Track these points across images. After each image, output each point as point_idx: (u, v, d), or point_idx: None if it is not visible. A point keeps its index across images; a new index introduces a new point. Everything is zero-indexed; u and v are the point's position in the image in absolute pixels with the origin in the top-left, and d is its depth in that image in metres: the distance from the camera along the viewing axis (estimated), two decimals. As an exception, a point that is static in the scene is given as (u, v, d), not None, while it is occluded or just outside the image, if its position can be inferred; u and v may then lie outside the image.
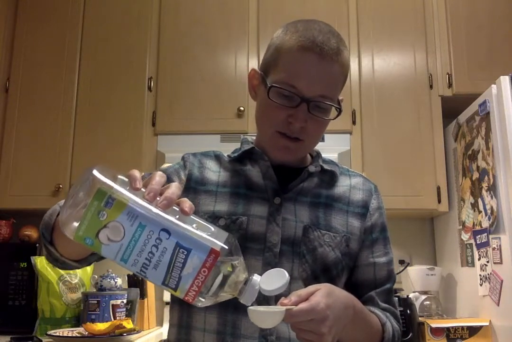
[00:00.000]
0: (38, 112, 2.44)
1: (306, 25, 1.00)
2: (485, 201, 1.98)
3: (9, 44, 2.51)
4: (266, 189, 1.04)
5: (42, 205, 2.36)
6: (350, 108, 2.38)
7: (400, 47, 2.45)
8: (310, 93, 0.96)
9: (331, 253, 1.00)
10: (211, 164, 1.09)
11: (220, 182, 1.06)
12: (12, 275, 2.18)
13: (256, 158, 1.07)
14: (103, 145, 2.39)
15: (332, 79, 0.99)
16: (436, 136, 2.35)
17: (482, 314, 2.02)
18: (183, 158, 1.11)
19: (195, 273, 0.65)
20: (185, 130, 2.37)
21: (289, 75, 0.97)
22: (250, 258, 0.97)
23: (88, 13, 2.54)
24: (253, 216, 1.01)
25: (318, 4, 2.49)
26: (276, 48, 1.01)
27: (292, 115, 0.97)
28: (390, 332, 0.99)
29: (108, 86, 2.45)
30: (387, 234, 1.12)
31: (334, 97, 1.00)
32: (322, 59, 0.96)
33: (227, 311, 0.96)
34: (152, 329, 2.22)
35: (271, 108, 0.99)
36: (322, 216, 1.03)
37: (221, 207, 1.02)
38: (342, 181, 1.11)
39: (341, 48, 0.98)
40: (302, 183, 1.06)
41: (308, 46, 0.96)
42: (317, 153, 1.13)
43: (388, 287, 1.07)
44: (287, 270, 0.95)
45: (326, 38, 0.96)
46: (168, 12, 2.52)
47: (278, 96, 0.97)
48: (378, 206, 1.11)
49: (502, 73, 1.95)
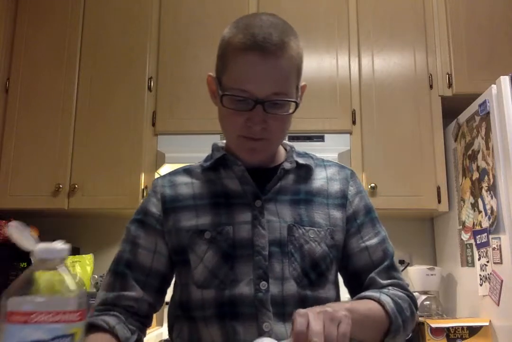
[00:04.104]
0: (38, 112, 2.45)
1: (247, 21, 0.98)
2: (485, 201, 1.98)
3: (9, 44, 2.51)
4: (245, 193, 1.03)
5: (42, 205, 2.37)
6: (350, 108, 2.38)
7: (400, 47, 2.45)
8: (262, 94, 0.94)
9: (318, 247, 1.00)
10: (181, 179, 1.09)
11: (196, 194, 1.05)
12: (12, 275, 2.18)
13: (229, 164, 1.06)
14: (103, 145, 2.39)
15: (281, 75, 0.95)
16: (436, 136, 2.35)
17: (482, 314, 2.02)
18: (152, 185, 1.11)
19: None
20: (185, 130, 2.37)
21: (237, 80, 0.95)
22: (240, 264, 0.98)
23: (88, 13, 2.54)
24: (237, 223, 1.00)
25: (318, 4, 2.49)
26: (222, 49, 1.00)
27: (249, 118, 0.96)
28: (390, 302, 0.95)
29: (108, 86, 2.45)
30: (374, 214, 1.10)
31: (288, 92, 0.97)
32: (266, 57, 0.93)
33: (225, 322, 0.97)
34: (152, 329, 2.22)
35: (229, 115, 0.98)
36: (304, 212, 1.03)
37: (203, 220, 1.02)
38: (318, 173, 1.10)
39: (285, 41, 0.95)
40: (280, 182, 1.05)
41: (250, 46, 0.93)
42: (290, 147, 1.12)
43: (387, 264, 1.05)
44: (278, 271, 0.97)
45: (268, 34, 0.93)
46: (168, 12, 2.51)
47: (232, 102, 0.96)
48: (357, 191, 1.10)
49: (502, 73, 1.95)
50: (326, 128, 2.35)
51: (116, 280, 1.03)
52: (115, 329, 0.94)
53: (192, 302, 1.00)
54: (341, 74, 2.42)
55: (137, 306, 1.02)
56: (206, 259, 0.99)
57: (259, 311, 0.95)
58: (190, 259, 1.01)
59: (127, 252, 1.05)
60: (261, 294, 0.95)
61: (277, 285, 0.96)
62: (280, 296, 0.96)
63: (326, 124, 2.36)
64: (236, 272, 0.97)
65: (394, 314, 0.94)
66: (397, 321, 0.95)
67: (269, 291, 0.95)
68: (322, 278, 1.01)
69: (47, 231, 2.50)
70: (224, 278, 0.97)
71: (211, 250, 0.99)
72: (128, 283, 1.02)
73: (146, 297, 1.03)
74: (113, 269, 1.05)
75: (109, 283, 1.04)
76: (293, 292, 0.97)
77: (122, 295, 1.01)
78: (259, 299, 0.95)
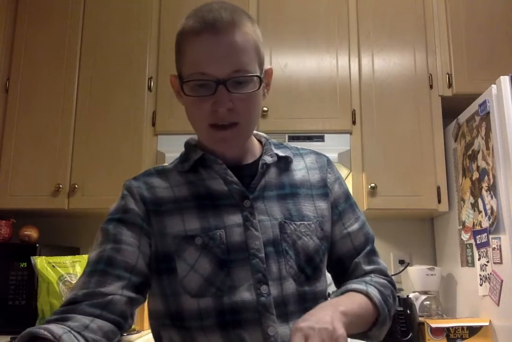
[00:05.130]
0: (38, 112, 2.45)
1: (196, 9, 0.96)
2: (485, 201, 1.98)
3: (9, 44, 2.51)
4: (231, 194, 0.98)
5: (42, 205, 2.37)
6: (350, 108, 2.38)
7: (400, 47, 2.45)
8: (222, 74, 0.91)
9: (310, 241, 0.99)
10: (157, 182, 1.01)
11: (178, 197, 0.99)
12: (12, 275, 2.18)
13: (209, 163, 1.01)
14: (103, 145, 2.39)
15: (238, 50, 0.92)
16: (436, 136, 2.35)
17: (482, 314, 2.02)
18: (125, 187, 1.02)
19: None
20: (185, 130, 2.31)
21: (194, 64, 0.92)
22: (238, 269, 0.94)
23: (88, 13, 2.54)
24: (229, 226, 0.95)
25: (318, 4, 2.49)
26: (177, 42, 0.98)
27: (215, 102, 0.92)
28: (377, 294, 0.97)
29: (108, 86, 2.46)
30: (352, 200, 1.10)
31: (250, 68, 0.93)
32: (218, 34, 0.91)
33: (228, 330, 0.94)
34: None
35: (194, 104, 0.95)
36: (293, 207, 1.01)
37: (191, 224, 0.96)
38: (297, 163, 1.07)
39: (236, 18, 0.93)
40: (263, 177, 1.01)
41: (200, 28, 0.92)
42: (266, 139, 1.08)
43: (369, 249, 1.06)
44: (275, 272, 0.95)
45: (217, 14, 0.92)
46: (168, 12, 2.52)
47: (193, 89, 0.93)
48: (335, 178, 1.09)
49: (502, 73, 1.95)
50: (326, 128, 2.35)
51: (91, 278, 0.90)
52: (62, 340, 0.77)
53: (186, 312, 0.94)
54: (341, 74, 2.42)
55: (112, 302, 0.88)
56: (198, 267, 0.93)
57: (262, 315, 0.92)
58: (177, 267, 0.94)
59: (107, 250, 0.93)
60: (264, 299, 0.93)
61: (276, 286, 0.95)
62: (280, 297, 0.94)
63: (326, 124, 2.36)
64: (233, 277, 0.93)
65: (381, 306, 0.96)
66: (384, 312, 0.97)
67: (271, 294, 0.93)
68: (317, 271, 1.00)
69: (47, 231, 2.50)
70: (221, 285, 0.93)
71: (204, 256, 0.93)
72: (106, 280, 0.89)
73: (126, 293, 0.90)
74: (88, 270, 0.92)
75: (81, 283, 0.90)
76: (292, 290, 0.96)
77: (96, 291, 0.88)
78: (262, 303, 0.92)
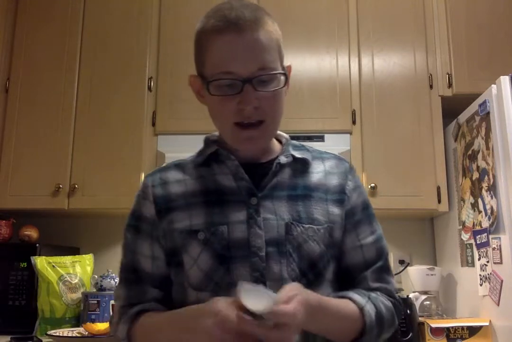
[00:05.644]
0: (38, 112, 2.45)
1: (216, 8, 0.96)
2: (485, 201, 1.98)
3: (9, 44, 2.51)
4: (239, 190, 0.99)
5: (42, 205, 2.37)
6: (350, 108, 2.38)
7: (400, 47, 2.45)
8: (247, 72, 0.91)
9: (316, 246, 0.97)
10: (173, 176, 1.05)
11: (188, 192, 1.01)
12: (12, 275, 2.18)
13: (222, 159, 1.02)
14: (103, 145, 2.39)
15: (262, 48, 0.93)
16: (436, 136, 2.35)
17: (482, 314, 2.02)
18: (142, 184, 1.07)
19: None
20: (185, 130, 2.36)
21: (219, 64, 0.93)
22: (236, 266, 0.94)
23: (88, 13, 2.54)
24: (232, 222, 0.96)
25: (318, 4, 2.49)
26: (198, 42, 0.98)
27: (241, 101, 0.92)
28: (372, 314, 0.95)
29: (108, 86, 2.45)
30: (371, 211, 1.08)
31: (274, 65, 0.95)
32: (242, 33, 0.91)
33: None
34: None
35: (220, 103, 0.95)
36: (302, 209, 0.99)
37: (197, 219, 0.98)
38: (316, 166, 1.06)
39: (259, 16, 0.93)
40: (276, 177, 1.01)
41: (223, 26, 0.92)
42: (286, 139, 1.08)
43: (380, 265, 1.04)
44: (276, 272, 0.94)
45: (240, 12, 0.92)
46: (168, 12, 2.51)
47: (219, 88, 0.94)
48: (355, 186, 1.07)
49: (502, 73, 1.95)
50: (326, 128, 2.35)
51: (130, 291, 1.03)
52: None
53: (188, 303, 0.96)
54: (341, 74, 2.42)
55: (156, 304, 1.02)
56: (200, 261, 0.96)
57: None
58: (183, 260, 0.98)
59: (129, 259, 1.05)
60: None
61: (276, 287, 0.92)
62: None
63: (326, 124, 2.36)
64: (232, 274, 0.94)
65: (370, 326, 0.95)
66: (371, 333, 0.95)
67: None
68: (319, 277, 0.99)
69: (47, 231, 2.50)
70: (219, 280, 0.94)
71: (205, 251, 0.95)
72: (142, 289, 1.02)
73: (160, 294, 1.03)
74: (124, 277, 1.05)
75: (124, 295, 1.03)
76: None
77: (140, 301, 1.01)
78: None
